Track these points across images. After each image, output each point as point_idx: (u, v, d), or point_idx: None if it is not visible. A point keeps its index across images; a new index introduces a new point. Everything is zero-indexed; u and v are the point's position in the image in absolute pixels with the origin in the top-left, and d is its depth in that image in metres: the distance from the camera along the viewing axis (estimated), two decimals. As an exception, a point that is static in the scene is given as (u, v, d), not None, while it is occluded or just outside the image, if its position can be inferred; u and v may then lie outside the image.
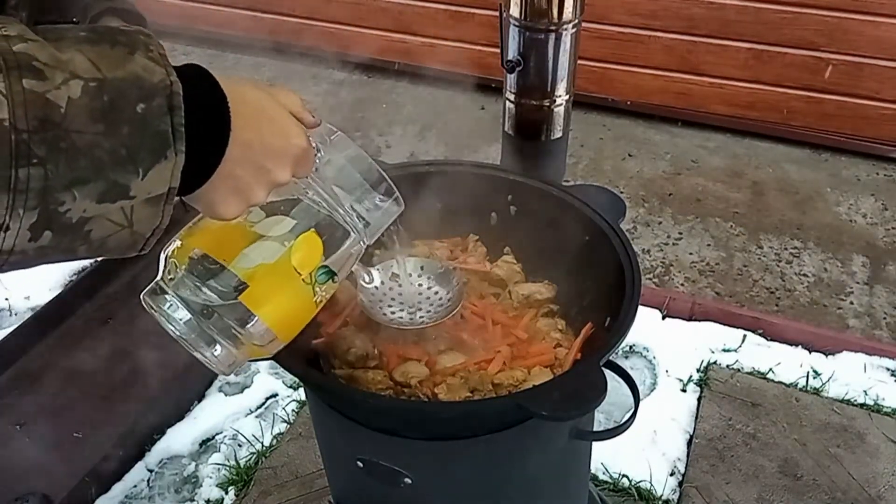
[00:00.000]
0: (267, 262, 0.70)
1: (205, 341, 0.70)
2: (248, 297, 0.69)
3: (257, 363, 2.03)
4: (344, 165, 0.74)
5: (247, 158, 0.62)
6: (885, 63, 2.91)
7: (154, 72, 0.53)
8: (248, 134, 0.61)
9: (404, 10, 3.53)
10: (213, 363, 0.72)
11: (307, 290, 0.72)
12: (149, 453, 1.80)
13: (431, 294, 1.02)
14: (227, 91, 0.60)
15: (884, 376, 1.97)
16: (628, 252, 0.97)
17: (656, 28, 3.16)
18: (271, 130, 0.64)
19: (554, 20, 1.12)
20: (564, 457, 1.05)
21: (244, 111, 0.61)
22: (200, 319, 0.69)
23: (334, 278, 0.75)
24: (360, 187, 0.75)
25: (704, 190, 2.99)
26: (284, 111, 0.66)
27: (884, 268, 2.58)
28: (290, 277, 0.71)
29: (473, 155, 3.16)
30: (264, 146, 0.63)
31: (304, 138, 0.67)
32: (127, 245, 0.57)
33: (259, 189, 0.64)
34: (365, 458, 0.94)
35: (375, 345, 1.00)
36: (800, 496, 1.67)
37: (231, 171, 0.61)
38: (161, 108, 0.53)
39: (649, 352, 2.06)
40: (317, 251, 0.72)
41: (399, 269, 1.01)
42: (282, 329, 0.73)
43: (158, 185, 0.54)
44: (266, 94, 0.65)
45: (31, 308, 2.20)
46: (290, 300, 0.72)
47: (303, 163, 0.68)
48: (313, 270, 0.72)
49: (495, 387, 0.96)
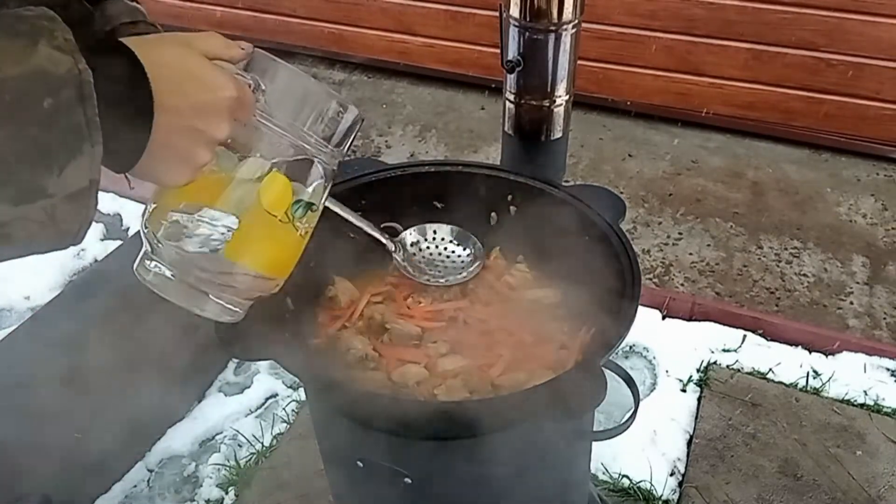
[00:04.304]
0: (240, 211, 0.69)
1: (200, 299, 0.70)
2: (229, 250, 0.68)
3: (257, 363, 2.03)
4: (287, 91, 0.71)
5: (178, 124, 0.59)
6: (885, 63, 2.91)
7: (60, 62, 0.50)
8: (173, 99, 0.58)
9: (404, 10, 3.53)
10: (218, 316, 0.73)
11: (287, 227, 0.72)
12: (149, 453, 1.80)
13: (456, 255, 1.10)
14: (144, 58, 0.57)
15: (884, 376, 1.97)
16: (628, 252, 0.97)
17: (656, 28, 3.16)
18: (196, 87, 0.60)
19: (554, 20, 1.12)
20: (564, 457, 1.05)
21: (165, 74, 0.58)
22: (188, 278, 0.69)
23: (313, 207, 0.75)
24: (309, 108, 0.72)
25: (704, 190, 2.99)
26: (206, 62, 0.62)
27: (884, 268, 2.58)
28: (266, 221, 0.70)
29: (473, 155, 3.16)
30: (192, 107, 0.60)
31: (232, 85, 0.63)
32: (55, 241, 0.55)
33: (200, 150, 0.62)
34: (365, 458, 0.94)
35: (375, 347, 1.01)
36: (800, 496, 1.67)
37: (165, 140, 0.59)
38: (71, 100, 0.50)
39: (649, 352, 2.06)
40: (286, 188, 0.71)
41: (428, 233, 1.10)
42: (274, 269, 0.74)
43: (78, 180, 0.52)
44: (184, 49, 0.62)
45: (31, 308, 2.21)
46: (272, 243, 0.72)
47: (240, 109, 0.65)
48: (287, 208, 0.72)
49: (495, 388, 0.96)
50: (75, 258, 2.42)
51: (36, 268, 2.33)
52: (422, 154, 3.18)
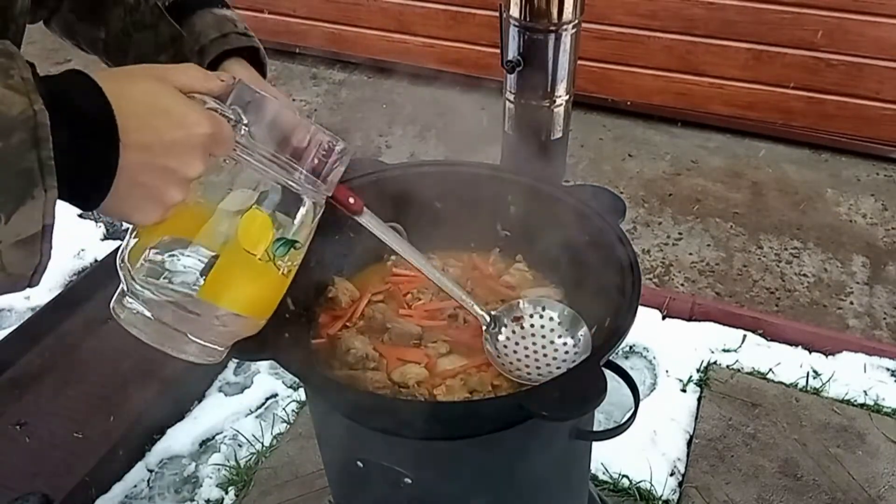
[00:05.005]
0: (218, 249, 0.66)
1: (178, 341, 0.67)
2: (206, 290, 0.65)
3: (257, 363, 2.03)
4: (272, 125, 0.68)
5: (147, 162, 0.56)
6: (885, 63, 2.91)
7: (13, 102, 0.47)
8: (141, 136, 0.55)
9: (404, 10, 3.53)
10: (198, 358, 0.70)
11: (267, 266, 0.69)
12: (149, 453, 1.80)
13: (558, 343, 0.95)
14: (111, 93, 0.54)
15: (884, 376, 1.97)
16: (628, 252, 0.97)
17: (656, 28, 3.16)
18: (166, 123, 0.57)
19: (554, 20, 1.12)
20: (564, 457, 1.05)
21: (133, 110, 0.55)
22: (165, 318, 0.66)
23: (296, 245, 0.71)
24: (295, 142, 0.69)
25: (704, 190, 2.99)
26: (178, 97, 0.59)
27: (884, 268, 2.58)
28: (245, 260, 0.67)
29: (473, 155, 3.15)
30: (162, 144, 0.57)
31: (206, 121, 0.60)
32: (6, 287, 0.53)
33: (172, 189, 0.59)
34: (365, 458, 0.94)
35: (375, 346, 1.01)
36: (800, 496, 1.67)
37: (133, 178, 0.56)
38: (24, 143, 0.48)
39: (649, 352, 2.06)
40: (265, 227, 0.68)
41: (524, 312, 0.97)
42: (253, 310, 0.71)
43: (28, 227, 0.50)
44: (156, 83, 0.59)
45: (31, 308, 2.20)
46: (251, 283, 0.69)
47: (216, 145, 0.62)
48: (267, 247, 0.69)
49: (494, 388, 0.96)
50: (75, 258, 2.42)
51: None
52: (422, 154, 3.18)
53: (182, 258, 0.65)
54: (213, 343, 0.70)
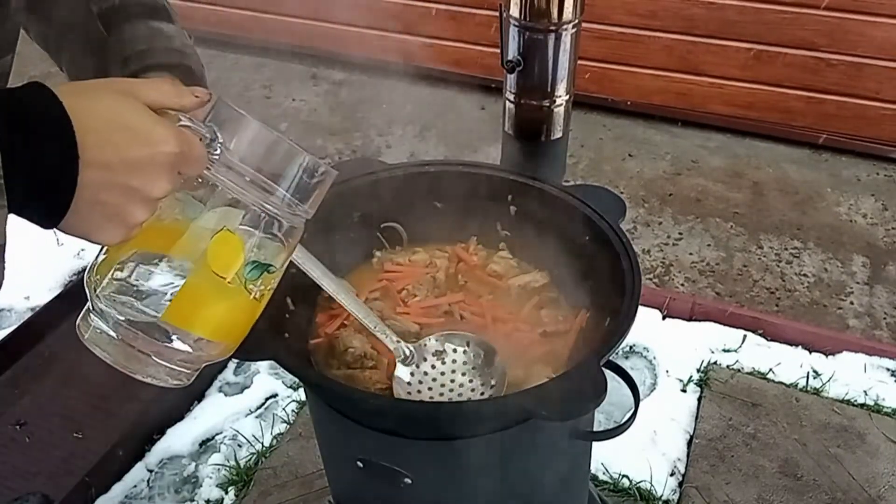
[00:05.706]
0: (186, 271, 0.63)
1: (143, 363, 0.65)
2: (171, 313, 0.62)
3: (257, 363, 2.03)
4: (251, 145, 0.64)
5: (108, 180, 0.54)
6: (885, 63, 2.91)
7: None
8: (102, 153, 0.53)
9: (405, 10, 3.53)
10: (165, 382, 0.67)
11: (237, 290, 0.66)
12: (149, 453, 1.80)
13: (469, 383, 0.96)
14: (72, 108, 0.51)
15: (884, 376, 1.97)
16: (628, 252, 0.97)
17: (656, 28, 3.16)
18: (130, 141, 0.54)
19: (554, 20, 1.11)
20: (564, 457, 1.05)
21: (95, 126, 0.52)
22: (130, 339, 0.63)
23: (270, 269, 0.68)
24: (275, 163, 0.65)
25: (704, 190, 2.99)
26: (144, 113, 0.56)
27: (884, 268, 2.58)
28: (214, 283, 0.64)
29: (473, 155, 3.16)
30: (125, 162, 0.54)
31: (175, 139, 0.57)
32: None
33: (135, 208, 0.56)
34: (365, 458, 0.94)
35: (373, 345, 1.01)
36: (800, 496, 1.67)
37: (94, 197, 0.53)
38: None
39: (649, 352, 2.06)
40: (236, 249, 0.65)
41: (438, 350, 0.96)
42: (221, 335, 0.68)
43: None
44: (122, 98, 0.56)
45: (31, 308, 2.20)
46: (219, 306, 0.66)
47: (185, 163, 0.59)
48: (238, 271, 0.65)
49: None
50: (75, 258, 2.42)
51: (36, 268, 2.33)
52: (422, 154, 3.18)
53: (150, 278, 0.62)
54: (179, 366, 0.67)
